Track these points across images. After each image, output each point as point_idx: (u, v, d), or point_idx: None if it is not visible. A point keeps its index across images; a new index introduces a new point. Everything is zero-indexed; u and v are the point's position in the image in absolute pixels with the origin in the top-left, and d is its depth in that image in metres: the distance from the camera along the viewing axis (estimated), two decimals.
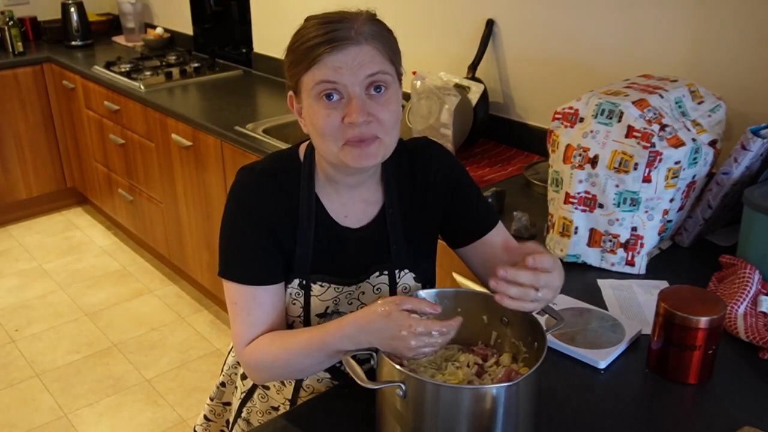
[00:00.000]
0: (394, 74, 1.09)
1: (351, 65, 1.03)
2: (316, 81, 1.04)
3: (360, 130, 1.05)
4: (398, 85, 1.11)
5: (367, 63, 1.04)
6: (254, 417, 1.34)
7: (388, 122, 1.07)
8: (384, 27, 1.10)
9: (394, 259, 1.21)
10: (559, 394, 1.18)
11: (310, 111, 1.08)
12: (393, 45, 1.10)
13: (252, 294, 1.14)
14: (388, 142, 1.09)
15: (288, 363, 1.10)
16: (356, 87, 1.04)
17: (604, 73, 2.05)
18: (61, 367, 2.85)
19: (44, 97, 3.92)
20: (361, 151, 1.06)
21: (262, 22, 3.35)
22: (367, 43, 1.04)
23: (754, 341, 1.28)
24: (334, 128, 1.05)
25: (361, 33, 1.04)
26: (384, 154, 1.10)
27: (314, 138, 1.11)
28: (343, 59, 1.03)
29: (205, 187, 2.87)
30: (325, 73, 1.03)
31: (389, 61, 1.08)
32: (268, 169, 1.18)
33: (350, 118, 1.04)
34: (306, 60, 1.05)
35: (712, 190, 1.58)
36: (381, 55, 1.06)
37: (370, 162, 1.08)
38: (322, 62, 1.03)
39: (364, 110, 1.04)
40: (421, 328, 0.95)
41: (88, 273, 3.57)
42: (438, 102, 2.13)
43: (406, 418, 0.97)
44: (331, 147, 1.07)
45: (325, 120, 1.05)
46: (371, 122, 1.05)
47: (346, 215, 1.20)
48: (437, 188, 1.22)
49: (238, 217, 1.15)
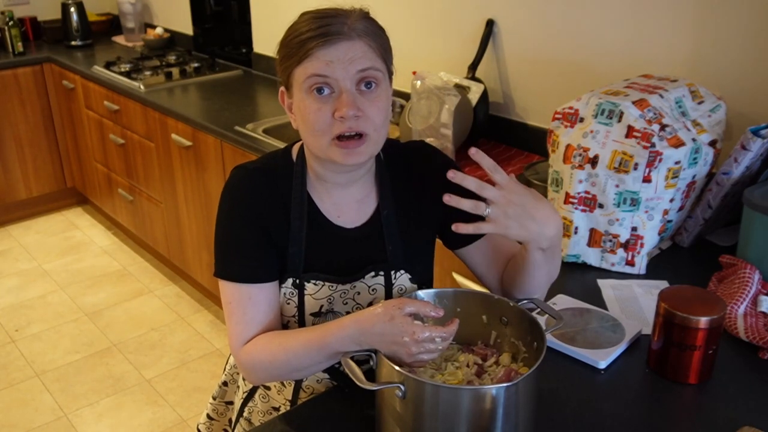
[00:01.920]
0: (385, 72, 1.09)
1: (342, 60, 1.03)
2: (308, 75, 1.04)
3: (349, 125, 1.05)
4: (389, 83, 1.11)
5: (359, 58, 1.04)
6: (255, 417, 1.34)
7: (377, 118, 1.07)
8: (376, 24, 1.10)
9: (389, 259, 1.21)
10: (559, 394, 1.18)
11: (300, 105, 1.08)
12: (385, 43, 1.10)
13: (247, 292, 1.14)
14: (376, 138, 1.09)
15: (287, 363, 1.10)
16: (347, 81, 1.04)
17: (604, 73, 2.05)
18: (61, 367, 2.85)
19: (44, 97, 3.92)
20: (349, 151, 1.07)
21: (262, 22, 3.35)
22: (360, 39, 1.05)
23: (754, 341, 1.28)
24: (324, 123, 1.06)
25: (354, 29, 1.05)
26: (371, 152, 1.10)
27: (303, 133, 1.11)
28: (334, 53, 1.03)
29: (205, 187, 2.87)
30: (316, 66, 1.04)
31: (381, 59, 1.08)
32: (261, 168, 1.18)
33: (340, 112, 1.04)
34: (298, 54, 1.05)
35: (712, 190, 1.58)
36: (373, 51, 1.06)
37: (357, 159, 1.08)
38: (313, 56, 1.04)
39: (354, 104, 1.04)
40: (426, 333, 0.95)
41: (88, 273, 3.57)
42: (438, 102, 2.13)
43: (405, 419, 0.97)
44: (321, 142, 1.07)
45: (316, 114, 1.05)
46: (360, 117, 1.05)
47: (339, 215, 1.20)
48: (435, 190, 1.22)
49: (231, 215, 1.16)
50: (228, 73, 3.43)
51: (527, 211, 1.02)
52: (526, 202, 1.02)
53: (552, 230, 1.06)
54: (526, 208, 1.02)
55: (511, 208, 1.01)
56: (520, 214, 1.02)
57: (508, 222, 1.02)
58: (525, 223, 1.03)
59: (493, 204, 1.01)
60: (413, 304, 0.99)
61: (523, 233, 1.04)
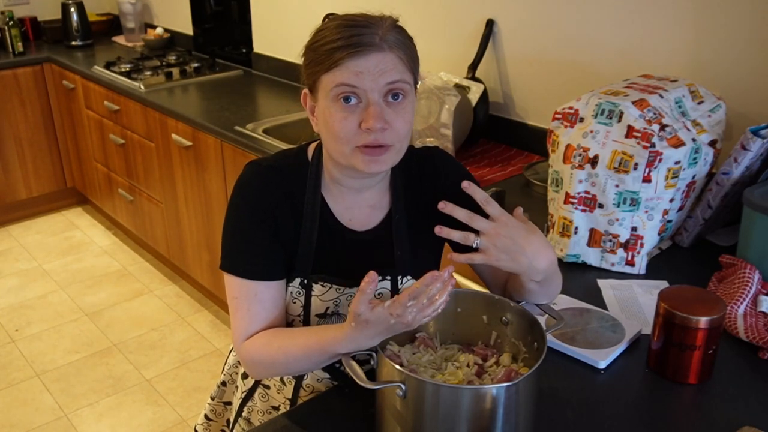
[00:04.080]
0: (412, 83, 1.09)
1: (373, 71, 1.03)
2: (336, 83, 1.04)
3: (375, 136, 1.05)
4: (414, 93, 1.11)
5: (389, 71, 1.04)
6: (255, 416, 1.34)
7: (402, 130, 1.07)
8: (406, 35, 1.09)
9: (397, 264, 1.21)
10: (559, 394, 1.18)
11: (325, 112, 1.07)
12: (414, 54, 1.10)
13: (253, 289, 1.14)
14: (400, 149, 1.09)
15: (286, 364, 1.10)
16: (375, 93, 1.04)
17: (604, 73, 2.05)
18: (61, 367, 2.85)
19: (44, 97, 3.92)
20: (373, 158, 1.07)
21: (262, 22, 3.35)
22: (391, 51, 1.04)
23: (754, 341, 1.28)
24: (349, 132, 1.05)
25: (385, 40, 1.04)
26: (394, 161, 1.10)
27: (326, 138, 1.11)
28: (365, 65, 1.03)
29: (205, 187, 2.87)
30: (346, 76, 1.03)
31: (409, 71, 1.08)
32: (274, 165, 1.18)
33: (367, 124, 1.03)
34: (327, 61, 1.04)
35: (712, 190, 1.58)
36: (403, 64, 1.06)
37: (380, 168, 1.09)
38: (343, 65, 1.03)
39: (381, 117, 1.04)
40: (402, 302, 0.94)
41: (88, 273, 3.57)
42: (438, 102, 2.13)
43: (405, 418, 0.97)
44: (344, 149, 1.07)
45: (341, 123, 1.05)
46: (386, 129, 1.05)
47: (351, 218, 1.20)
48: (446, 195, 1.22)
49: (242, 211, 1.15)
50: (228, 73, 3.43)
51: (518, 244, 1.03)
52: (517, 235, 1.03)
53: (543, 264, 1.06)
54: (516, 241, 1.03)
55: (501, 240, 1.02)
56: (510, 246, 1.03)
57: (499, 254, 1.03)
58: (515, 257, 1.03)
59: (483, 236, 1.02)
60: (359, 301, 0.95)
61: (514, 266, 1.05)
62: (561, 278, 1.17)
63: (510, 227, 1.03)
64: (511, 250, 1.03)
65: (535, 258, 1.04)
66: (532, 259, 1.04)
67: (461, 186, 1.04)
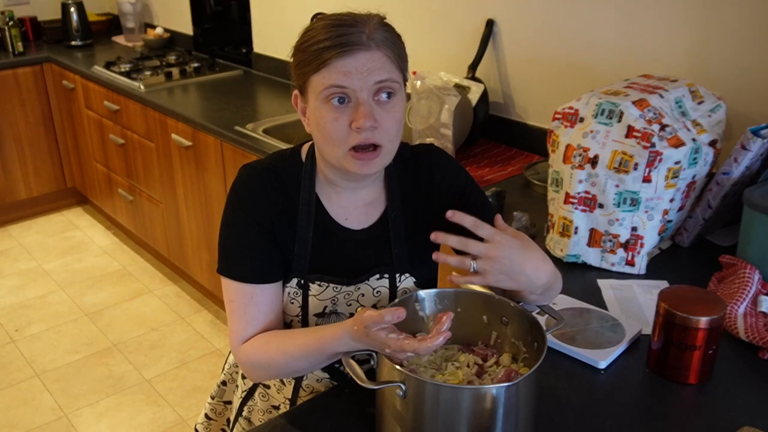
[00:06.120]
0: (401, 81, 1.09)
1: (361, 70, 1.03)
2: (325, 85, 1.04)
3: (365, 135, 1.05)
4: (404, 91, 1.11)
5: (377, 69, 1.04)
6: (255, 416, 1.34)
7: (392, 129, 1.07)
8: (394, 32, 1.09)
9: (395, 262, 1.21)
10: (559, 394, 1.18)
11: (316, 113, 1.08)
12: (402, 52, 1.10)
13: (249, 292, 1.14)
14: (390, 149, 1.10)
15: (285, 365, 1.11)
16: (364, 92, 1.04)
17: (604, 73, 2.05)
18: (61, 367, 2.85)
19: (44, 97, 3.92)
20: (365, 162, 1.07)
21: (262, 22, 3.35)
22: (378, 50, 1.04)
23: (754, 341, 1.28)
24: (341, 133, 1.06)
25: (373, 38, 1.04)
26: (385, 163, 1.11)
27: (318, 139, 1.11)
28: (353, 64, 1.03)
29: (205, 187, 2.87)
30: (334, 77, 1.03)
31: (398, 69, 1.08)
32: (269, 167, 1.18)
33: (357, 123, 1.04)
34: (315, 62, 1.04)
35: (712, 190, 1.58)
36: (391, 62, 1.06)
37: (371, 170, 1.09)
38: (331, 66, 1.03)
39: (371, 116, 1.04)
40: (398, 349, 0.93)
41: (88, 273, 3.57)
42: (438, 102, 2.13)
43: (405, 418, 0.97)
44: (336, 152, 1.08)
45: (332, 124, 1.05)
46: (376, 128, 1.05)
47: (347, 217, 1.20)
48: (443, 193, 1.22)
49: (238, 214, 1.15)
50: (228, 73, 3.43)
51: (516, 263, 1.00)
52: (514, 255, 0.99)
53: (543, 279, 1.04)
54: (514, 260, 0.99)
55: (498, 262, 0.99)
56: (508, 267, 0.99)
57: (498, 276, 1.00)
58: (515, 276, 1.01)
59: (479, 259, 0.99)
60: (373, 319, 0.95)
61: (514, 285, 1.02)
62: (561, 281, 1.15)
63: (505, 247, 0.99)
64: (509, 270, 1.00)
65: (535, 275, 1.03)
66: (532, 277, 1.02)
67: (446, 215, 1.00)
